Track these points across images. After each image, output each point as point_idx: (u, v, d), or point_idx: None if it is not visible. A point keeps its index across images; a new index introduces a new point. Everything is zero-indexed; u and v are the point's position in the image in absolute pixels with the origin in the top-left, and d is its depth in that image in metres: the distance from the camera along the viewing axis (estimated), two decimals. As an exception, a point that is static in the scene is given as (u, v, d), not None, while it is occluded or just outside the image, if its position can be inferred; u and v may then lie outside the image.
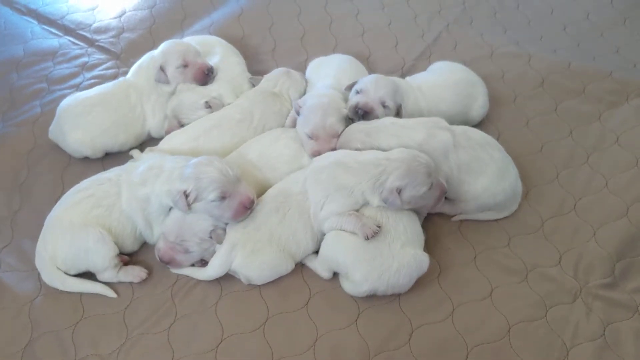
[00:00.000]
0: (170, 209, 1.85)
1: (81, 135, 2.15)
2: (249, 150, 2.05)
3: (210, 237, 1.82)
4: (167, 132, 2.20)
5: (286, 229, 1.83)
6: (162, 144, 2.11)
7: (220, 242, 1.81)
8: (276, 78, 2.29)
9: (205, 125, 2.13)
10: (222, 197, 1.76)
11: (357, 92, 2.09)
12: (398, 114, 2.10)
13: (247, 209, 1.80)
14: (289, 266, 1.84)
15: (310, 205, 1.85)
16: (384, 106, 2.06)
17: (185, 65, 2.25)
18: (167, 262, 1.84)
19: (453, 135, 1.94)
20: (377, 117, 2.03)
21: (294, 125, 2.13)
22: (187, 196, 1.76)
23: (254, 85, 2.33)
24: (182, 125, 2.21)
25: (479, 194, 1.95)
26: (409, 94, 2.18)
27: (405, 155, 1.81)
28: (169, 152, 2.02)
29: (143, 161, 1.92)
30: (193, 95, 2.22)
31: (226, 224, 1.84)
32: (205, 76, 2.28)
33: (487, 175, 1.94)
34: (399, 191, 1.76)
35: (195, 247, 1.82)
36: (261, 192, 1.93)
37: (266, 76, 2.32)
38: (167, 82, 2.26)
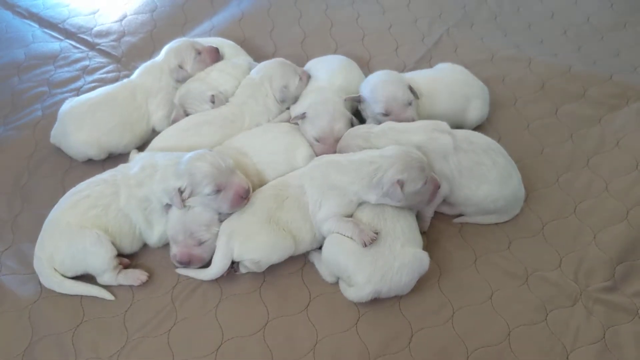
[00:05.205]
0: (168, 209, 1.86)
1: (86, 136, 2.15)
2: (237, 142, 2.07)
3: (220, 220, 1.84)
4: (174, 122, 2.22)
5: (285, 214, 1.84)
6: (154, 142, 2.12)
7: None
8: (264, 66, 2.30)
9: (197, 120, 2.15)
10: (217, 190, 1.78)
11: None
12: None
13: (243, 198, 1.81)
14: (290, 244, 1.83)
15: (309, 202, 1.86)
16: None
17: (199, 53, 2.34)
18: (188, 262, 1.83)
19: (454, 139, 1.93)
20: None
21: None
22: (182, 192, 1.78)
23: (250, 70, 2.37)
24: (187, 115, 2.23)
25: (480, 200, 1.95)
26: None
27: (399, 151, 1.82)
28: (159, 149, 2.03)
29: (135, 162, 1.93)
30: (202, 85, 2.25)
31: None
32: (218, 54, 2.40)
33: (489, 181, 1.93)
34: (402, 184, 1.77)
35: (207, 235, 1.82)
36: (255, 185, 1.95)
37: (260, 64, 2.34)
38: (189, 76, 2.33)
